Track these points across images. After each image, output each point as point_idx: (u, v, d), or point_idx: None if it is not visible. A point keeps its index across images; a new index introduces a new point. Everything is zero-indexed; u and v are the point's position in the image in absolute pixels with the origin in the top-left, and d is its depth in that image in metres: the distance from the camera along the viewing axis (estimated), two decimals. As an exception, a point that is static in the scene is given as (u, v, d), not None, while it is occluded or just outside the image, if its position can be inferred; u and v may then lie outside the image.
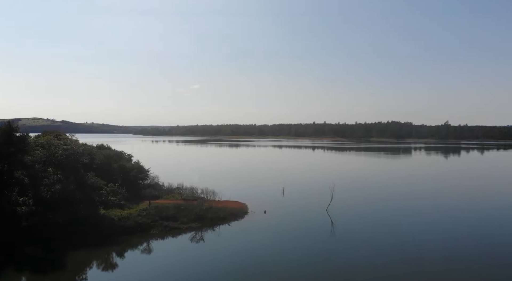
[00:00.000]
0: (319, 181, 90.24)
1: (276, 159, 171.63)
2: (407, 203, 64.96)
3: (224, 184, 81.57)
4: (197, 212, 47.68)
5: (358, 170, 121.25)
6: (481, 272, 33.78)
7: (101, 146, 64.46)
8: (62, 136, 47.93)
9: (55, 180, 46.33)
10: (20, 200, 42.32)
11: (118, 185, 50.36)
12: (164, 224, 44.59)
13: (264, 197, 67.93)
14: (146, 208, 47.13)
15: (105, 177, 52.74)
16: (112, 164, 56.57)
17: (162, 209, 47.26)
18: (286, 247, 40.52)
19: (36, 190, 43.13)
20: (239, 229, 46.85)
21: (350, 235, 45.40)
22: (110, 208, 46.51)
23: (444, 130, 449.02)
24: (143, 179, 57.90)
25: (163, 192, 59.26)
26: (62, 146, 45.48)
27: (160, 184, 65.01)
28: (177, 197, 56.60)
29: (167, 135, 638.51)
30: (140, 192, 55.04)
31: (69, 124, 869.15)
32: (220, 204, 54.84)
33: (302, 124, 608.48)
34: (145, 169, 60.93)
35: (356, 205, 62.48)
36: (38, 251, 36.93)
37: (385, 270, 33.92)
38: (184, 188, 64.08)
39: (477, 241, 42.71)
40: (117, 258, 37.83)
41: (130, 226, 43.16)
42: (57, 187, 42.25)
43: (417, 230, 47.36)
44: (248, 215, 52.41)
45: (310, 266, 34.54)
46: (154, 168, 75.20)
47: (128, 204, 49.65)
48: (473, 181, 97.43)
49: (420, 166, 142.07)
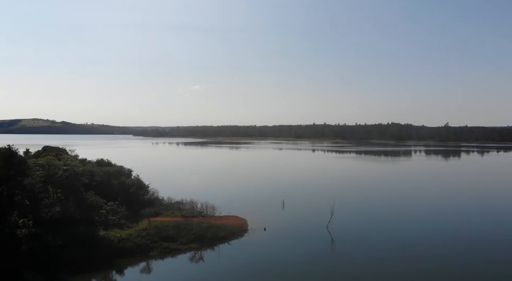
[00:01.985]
0: (320, 190, 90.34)
1: (276, 163, 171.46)
2: (411, 218, 64.82)
3: (223, 194, 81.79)
4: (197, 232, 47.67)
5: (359, 178, 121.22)
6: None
7: (100, 161, 64.49)
8: (62, 156, 47.75)
9: (55, 200, 46.39)
10: (20, 221, 42.34)
11: (118, 203, 50.37)
12: (164, 245, 44.62)
13: (264, 209, 68.02)
14: (145, 228, 47.15)
15: (105, 194, 52.77)
16: (112, 180, 56.59)
17: (161, 229, 47.28)
18: (287, 266, 40.62)
19: (36, 211, 43.16)
20: (239, 248, 46.93)
21: (350, 253, 45.56)
22: (109, 228, 46.56)
23: (444, 132, 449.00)
24: (143, 195, 57.85)
25: (162, 207, 59.29)
26: (62, 166, 45.48)
27: (160, 198, 65.06)
28: (176, 214, 56.65)
29: (167, 136, 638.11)
30: (140, 208, 55.00)
31: (69, 125, 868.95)
32: (220, 221, 54.85)
33: (302, 126, 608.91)
34: (145, 185, 60.98)
35: (357, 219, 62.46)
36: (38, 277, 36.89)
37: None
38: (184, 202, 64.24)
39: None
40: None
41: (130, 247, 43.18)
42: (57, 209, 42.24)
43: (421, 248, 47.29)
44: (248, 233, 52.43)
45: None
46: (154, 176, 75.27)
47: (127, 223, 49.71)
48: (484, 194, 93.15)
49: (422, 171, 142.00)
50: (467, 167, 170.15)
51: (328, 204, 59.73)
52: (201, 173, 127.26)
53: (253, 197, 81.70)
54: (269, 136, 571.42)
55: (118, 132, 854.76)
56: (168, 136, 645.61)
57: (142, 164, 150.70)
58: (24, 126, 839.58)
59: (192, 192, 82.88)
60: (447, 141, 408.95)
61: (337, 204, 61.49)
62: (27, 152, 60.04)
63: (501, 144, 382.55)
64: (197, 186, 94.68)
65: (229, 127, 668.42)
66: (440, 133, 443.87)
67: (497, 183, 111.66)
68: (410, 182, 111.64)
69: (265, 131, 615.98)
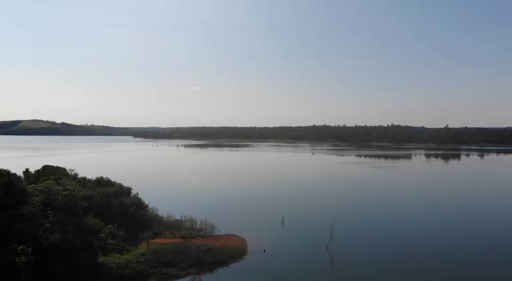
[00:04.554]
0: (320, 203, 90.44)
1: (275, 170, 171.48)
2: (416, 235, 64.37)
3: (222, 205, 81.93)
4: (196, 256, 47.75)
5: (360, 187, 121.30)
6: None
7: (100, 180, 64.55)
8: (62, 181, 47.83)
9: (55, 224, 46.41)
10: (19, 248, 42.37)
11: (117, 226, 50.45)
12: (163, 271, 44.64)
13: (263, 226, 68.09)
14: (144, 253, 47.22)
15: (105, 216, 52.83)
16: (111, 200, 56.67)
17: (160, 253, 47.35)
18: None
19: (35, 238, 43.15)
20: (239, 272, 46.97)
21: (351, 275, 45.72)
22: (109, 253, 46.62)
23: (444, 134, 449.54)
24: (142, 215, 57.92)
25: (162, 227, 59.34)
26: (61, 191, 45.56)
27: (159, 216, 65.16)
28: (176, 234, 56.72)
29: (167, 138, 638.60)
30: (139, 229, 55.12)
31: (69, 127, 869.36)
32: (219, 242, 54.97)
33: (302, 127, 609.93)
34: (144, 205, 61.03)
35: (358, 237, 62.32)
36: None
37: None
38: (183, 220, 64.43)
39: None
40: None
41: (129, 274, 43.19)
42: (56, 236, 42.28)
43: (425, 269, 47.27)
44: (247, 255, 52.46)
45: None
46: (152, 188, 75.42)
47: (127, 246, 49.78)
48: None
49: (428, 180, 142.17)
50: (476, 174, 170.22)
51: (328, 215, 59.48)
52: (201, 178, 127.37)
53: (252, 210, 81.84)
54: (269, 137, 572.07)
55: (118, 134, 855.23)
56: (168, 137, 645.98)
57: (142, 171, 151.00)
58: (24, 128, 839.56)
59: (190, 203, 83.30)
60: (447, 144, 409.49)
61: (338, 218, 61.41)
62: (26, 172, 60.10)
63: (501, 146, 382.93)
64: (196, 196, 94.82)
65: (229, 129, 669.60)
66: (440, 135, 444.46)
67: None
68: (416, 192, 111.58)
69: (265, 132, 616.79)
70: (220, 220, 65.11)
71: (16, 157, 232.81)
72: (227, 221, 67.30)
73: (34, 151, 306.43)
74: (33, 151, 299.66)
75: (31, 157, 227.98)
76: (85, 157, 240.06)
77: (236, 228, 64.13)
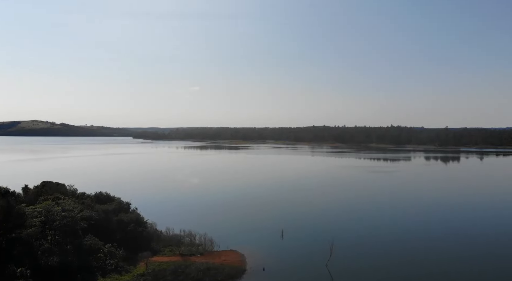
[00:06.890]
0: (319, 211, 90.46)
1: (274, 174, 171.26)
2: (417, 247, 64.05)
3: (221, 218, 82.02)
4: (195, 276, 47.73)
5: (361, 195, 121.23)
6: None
7: (99, 195, 64.46)
8: (60, 201, 47.80)
9: (53, 244, 46.40)
10: (18, 271, 42.37)
11: (116, 245, 50.43)
12: (162, 293, 44.64)
13: (263, 240, 67.95)
14: (143, 273, 47.20)
15: (103, 234, 52.77)
16: (110, 217, 56.63)
17: (159, 274, 47.28)
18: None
19: (34, 260, 43.17)
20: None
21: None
22: (107, 274, 46.56)
23: (443, 135, 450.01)
24: (141, 232, 57.87)
25: (161, 243, 59.30)
26: (60, 213, 45.54)
27: (159, 231, 65.11)
28: (175, 251, 56.70)
29: (166, 139, 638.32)
30: (138, 246, 55.07)
31: (69, 127, 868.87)
32: (218, 259, 54.97)
33: (302, 128, 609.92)
34: (143, 221, 60.97)
35: (358, 248, 62.08)
36: None
37: None
38: (182, 235, 64.44)
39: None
40: None
41: (128, 297, 43.21)
42: (55, 259, 42.28)
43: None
44: (246, 273, 52.42)
45: None
46: (150, 198, 75.35)
47: (125, 266, 49.71)
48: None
49: (431, 188, 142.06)
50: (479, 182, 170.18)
51: (328, 226, 59.24)
52: (200, 186, 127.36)
53: (252, 220, 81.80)
54: (269, 139, 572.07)
55: (118, 134, 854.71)
56: (167, 138, 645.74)
57: (143, 177, 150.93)
58: (23, 128, 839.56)
59: (190, 215, 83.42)
60: (446, 145, 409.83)
61: (337, 230, 61.25)
62: (26, 188, 60.00)
63: (500, 148, 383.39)
64: (196, 206, 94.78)
65: (229, 129, 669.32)
66: (439, 136, 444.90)
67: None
68: (419, 202, 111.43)
69: (264, 133, 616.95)
70: (219, 233, 65.23)
71: (17, 160, 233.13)
72: (226, 233, 67.43)
73: (34, 153, 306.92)
74: (33, 154, 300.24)
75: (31, 161, 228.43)
76: (84, 161, 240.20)
77: (235, 242, 64.05)
